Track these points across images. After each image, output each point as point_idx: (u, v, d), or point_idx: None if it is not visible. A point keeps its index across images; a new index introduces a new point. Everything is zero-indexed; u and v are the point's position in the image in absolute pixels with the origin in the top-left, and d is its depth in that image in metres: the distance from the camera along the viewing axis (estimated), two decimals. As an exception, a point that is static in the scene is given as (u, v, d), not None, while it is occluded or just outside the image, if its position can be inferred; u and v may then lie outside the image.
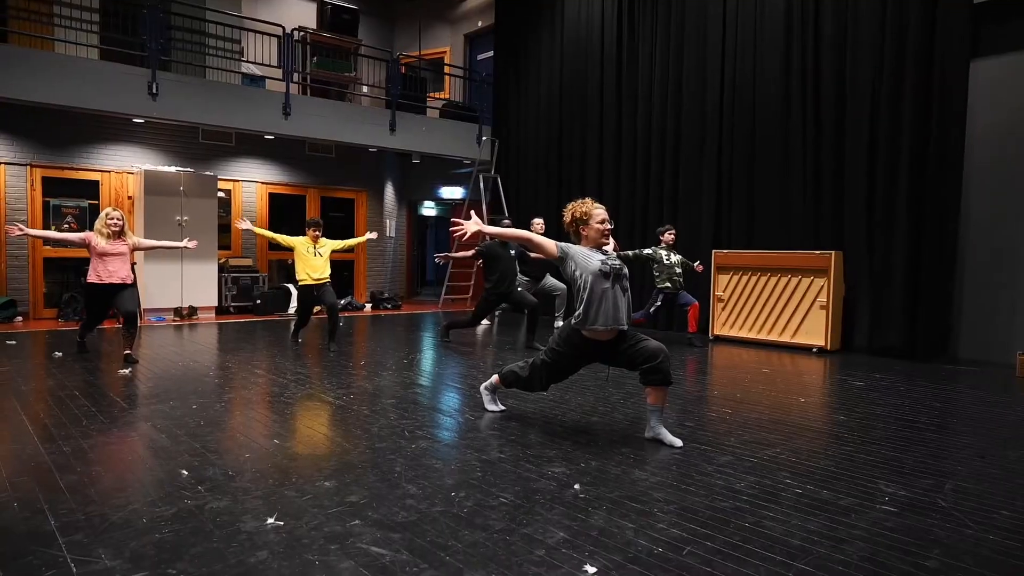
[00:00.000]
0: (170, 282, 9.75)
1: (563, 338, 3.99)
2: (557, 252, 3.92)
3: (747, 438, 3.98)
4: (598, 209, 3.95)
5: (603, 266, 3.78)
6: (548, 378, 4.14)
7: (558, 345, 4.01)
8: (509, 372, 4.30)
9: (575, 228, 3.98)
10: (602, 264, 3.78)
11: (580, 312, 3.83)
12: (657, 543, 2.52)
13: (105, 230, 6.21)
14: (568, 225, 4.01)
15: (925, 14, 6.90)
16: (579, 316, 3.84)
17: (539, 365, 4.11)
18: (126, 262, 6.30)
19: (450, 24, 14.34)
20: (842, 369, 6.49)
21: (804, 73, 7.95)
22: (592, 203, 3.97)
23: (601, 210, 3.96)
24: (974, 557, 2.45)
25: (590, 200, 4.01)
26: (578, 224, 3.95)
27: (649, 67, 9.80)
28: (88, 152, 9.98)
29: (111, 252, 6.18)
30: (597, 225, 3.90)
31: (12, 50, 8.23)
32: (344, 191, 12.82)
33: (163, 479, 3.11)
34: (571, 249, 3.92)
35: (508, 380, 4.33)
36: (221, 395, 4.96)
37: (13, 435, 3.82)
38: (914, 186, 7.00)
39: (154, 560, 2.31)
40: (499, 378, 4.42)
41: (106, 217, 6.28)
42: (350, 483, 3.09)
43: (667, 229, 7.99)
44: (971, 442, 3.99)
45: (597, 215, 3.92)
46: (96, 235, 6.21)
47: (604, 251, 3.94)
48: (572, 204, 4.00)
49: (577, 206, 3.97)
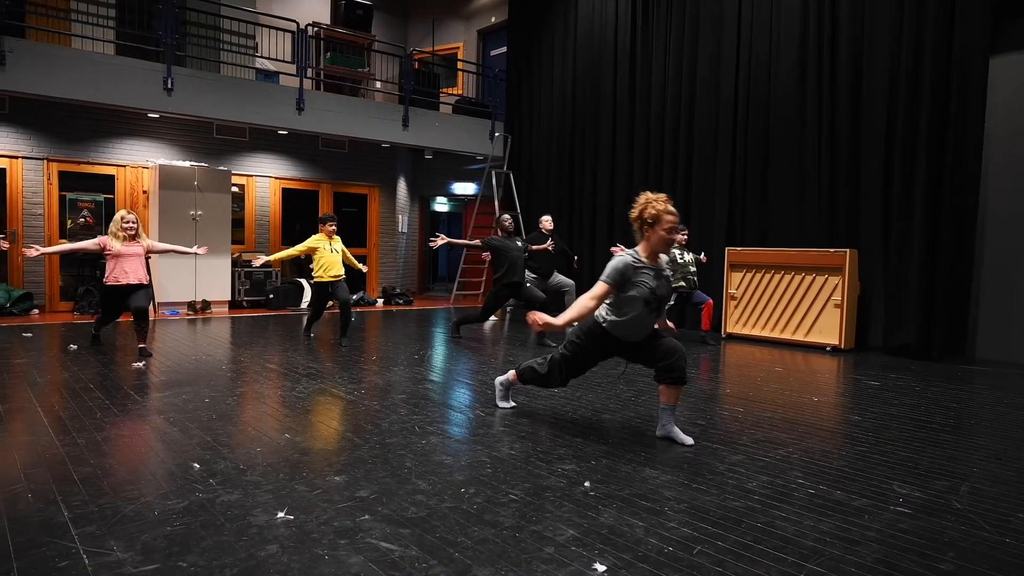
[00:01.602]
0: (184, 276, 9.81)
1: (584, 332, 3.93)
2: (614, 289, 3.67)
3: (759, 437, 3.95)
4: (671, 215, 3.64)
5: (650, 297, 3.65)
6: (567, 372, 4.08)
7: (578, 339, 3.96)
8: (527, 368, 4.26)
9: (640, 225, 3.71)
10: (651, 293, 3.64)
11: (609, 313, 3.78)
12: (667, 542, 2.50)
13: (121, 233, 6.23)
14: (634, 218, 3.73)
15: (943, 10, 6.81)
16: (606, 317, 3.79)
17: (558, 360, 4.07)
18: (142, 263, 6.34)
19: (464, 20, 14.33)
20: (856, 368, 6.44)
21: (820, 70, 7.88)
22: (667, 203, 3.66)
23: (674, 216, 3.65)
24: (989, 560, 2.42)
25: (664, 197, 3.69)
26: (644, 223, 3.68)
27: (663, 63, 9.74)
28: (104, 147, 10.05)
29: (127, 253, 6.22)
30: (663, 233, 3.64)
31: (29, 45, 8.29)
32: (357, 186, 12.84)
33: (175, 472, 3.13)
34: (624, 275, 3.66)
35: (526, 376, 4.28)
36: (233, 389, 4.98)
37: (28, 427, 3.85)
38: (931, 184, 6.92)
39: (165, 552, 2.32)
40: (516, 374, 4.38)
41: (121, 220, 6.28)
42: (360, 478, 3.09)
43: (680, 229, 7.96)
44: (987, 443, 3.94)
45: (667, 221, 3.62)
46: (111, 238, 6.24)
47: (661, 264, 3.75)
48: (647, 197, 3.71)
49: (651, 202, 3.67)
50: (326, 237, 7.36)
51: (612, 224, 10.36)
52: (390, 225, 13.34)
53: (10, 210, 9.39)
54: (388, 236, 13.32)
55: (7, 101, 9.18)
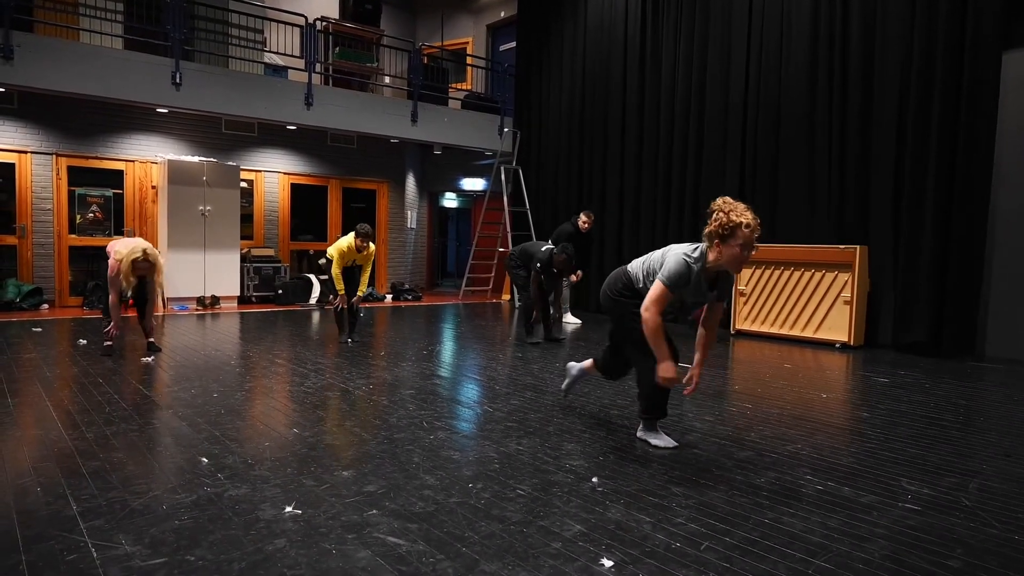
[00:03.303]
0: (193, 271, 9.85)
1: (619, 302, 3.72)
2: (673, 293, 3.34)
3: (768, 433, 3.94)
4: (748, 230, 3.14)
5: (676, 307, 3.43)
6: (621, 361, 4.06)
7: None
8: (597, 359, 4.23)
9: (717, 234, 3.20)
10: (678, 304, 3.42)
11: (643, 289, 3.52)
12: (675, 538, 2.49)
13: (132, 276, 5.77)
14: (711, 223, 3.22)
15: (955, 5, 6.74)
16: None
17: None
18: None
19: (473, 15, 14.31)
20: (866, 365, 6.41)
21: (831, 65, 7.82)
22: (753, 219, 3.17)
23: (752, 232, 3.15)
24: (998, 557, 2.40)
25: (751, 213, 3.19)
26: (717, 235, 3.20)
27: (672, 57, 9.69)
28: (113, 141, 10.08)
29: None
30: (736, 250, 3.16)
31: (38, 40, 8.33)
32: (365, 182, 12.85)
33: (183, 466, 3.14)
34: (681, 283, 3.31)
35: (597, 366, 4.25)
36: (242, 384, 5.00)
37: (38, 421, 3.88)
38: (942, 181, 6.87)
39: (173, 546, 2.33)
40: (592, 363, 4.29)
41: (135, 262, 5.72)
42: (368, 473, 3.10)
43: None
44: (997, 440, 3.91)
45: (743, 236, 3.13)
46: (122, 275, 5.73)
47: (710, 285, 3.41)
48: (727, 203, 3.22)
49: (730, 213, 3.16)
50: (354, 252, 6.67)
51: (621, 221, 10.34)
52: (399, 221, 13.35)
53: (19, 205, 9.45)
54: (397, 232, 13.34)
55: (16, 96, 9.21)
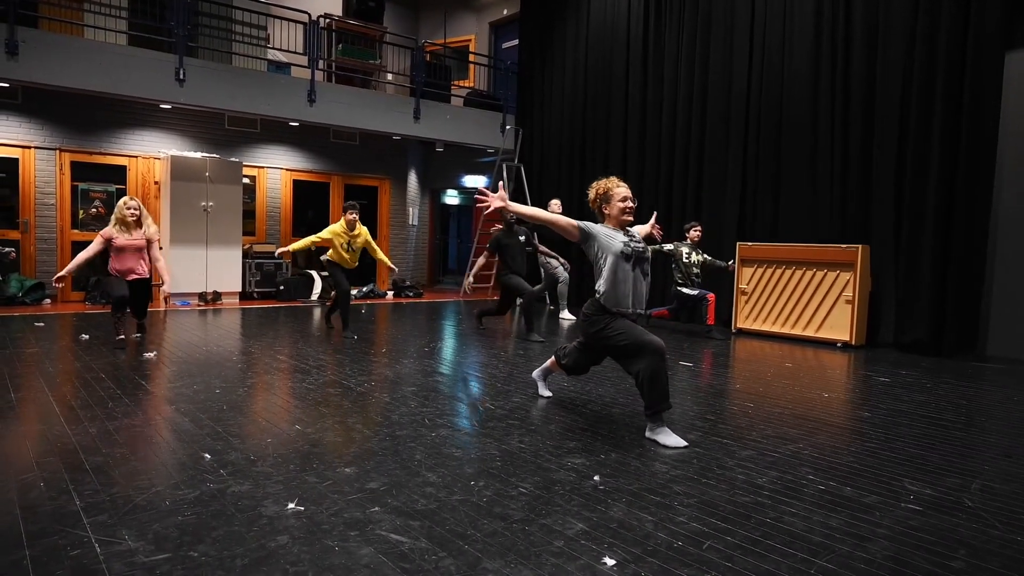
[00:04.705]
0: (195, 267, 9.85)
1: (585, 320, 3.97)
2: (578, 234, 3.82)
3: (769, 433, 3.94)
4: (620, 187, 3.90)
5: (625, 248, 3.75)
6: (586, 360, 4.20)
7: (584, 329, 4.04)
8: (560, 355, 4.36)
9: (598, 206, 3.96)
10: (624, 246, 3.75)
11: (604, 292, 3.80)
12: (676, 536, 2.50)
13: (128, 219, 6.19)
14: (592, 203, 3.99)
15: (958, 4, 6.73)
16: (604, 296, 3.81)
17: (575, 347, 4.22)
18: (142, 256, 6.32)
19: (475, 12, 14.29)
20: (867, 364, 6.41)
21: (833, 63, 7.81)
22: (615, 181, 3.93)
23: (623, 188, 3.90)
24: (1000, 558, 2.41)
25: (614, 178, 3.97)
26: (601, 202, 3.93)
27: (675, 56, 9.68)
28: (116, 137, 10.09)
29: (128, 246, 6.19)
30: (619, 203, 3.86)
31: (42, 35, 8.33)
32: (368, 179, 12.85)
33: (186, 462, 3.15)
34: (593, 228, 3.84)
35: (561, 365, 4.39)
36: (244, 380, 5.00)
37: (40, 416, 3.89)
38: (944, 180, 6.86)
39: (176, 542, 2.34)
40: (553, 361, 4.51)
41: (123, 207, 6.23)
42: (370, 470, 3.10)
43: (693, 226, 7.94)
44: (998, 441, 3.91)
45: (619, 193, 3.87)
46: (113, 228, 6.19)
47: (628, 231, 3.91)
48: (596, 182, 3.98)
49: (600, 184, 3.95)
50: (345, 229, 6.91)
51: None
52: (400, 217, 13.35)
53: (23, 200, 9.46)
54: (398, 228, 13.34)
55: (20, 91, 9.22)
